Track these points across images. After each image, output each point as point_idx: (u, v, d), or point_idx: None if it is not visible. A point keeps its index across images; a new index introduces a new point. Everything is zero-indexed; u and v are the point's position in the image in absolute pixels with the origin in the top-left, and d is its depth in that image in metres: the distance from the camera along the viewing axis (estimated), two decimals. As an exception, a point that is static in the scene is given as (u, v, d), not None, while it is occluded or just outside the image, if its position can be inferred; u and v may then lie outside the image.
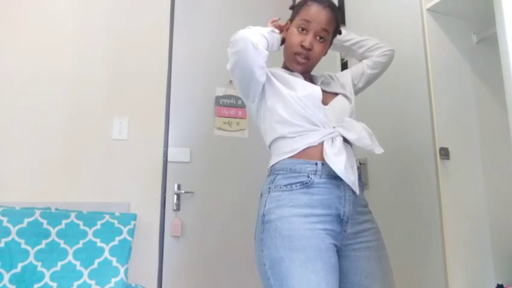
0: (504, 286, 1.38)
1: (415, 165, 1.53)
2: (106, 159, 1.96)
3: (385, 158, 1.39)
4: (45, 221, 1.64)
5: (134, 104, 2.07)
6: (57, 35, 1.98)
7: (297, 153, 1.08)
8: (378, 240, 1.12)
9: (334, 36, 1.25)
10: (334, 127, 1.10)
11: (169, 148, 2.10)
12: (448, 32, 1.57)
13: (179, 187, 2.07)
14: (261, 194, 1.12)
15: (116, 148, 1.99)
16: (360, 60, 1.36)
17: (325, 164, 1.05)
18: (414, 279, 1.49)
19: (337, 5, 1.24)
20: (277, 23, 1.26)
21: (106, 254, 1.66)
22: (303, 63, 1.18)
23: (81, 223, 1.69)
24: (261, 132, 1.22)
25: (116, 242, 1.69)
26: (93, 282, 1.59)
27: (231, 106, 2.28)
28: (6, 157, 1.80)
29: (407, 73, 1.58)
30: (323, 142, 1.07)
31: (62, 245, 1.63)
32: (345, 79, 1.30)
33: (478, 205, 1.49)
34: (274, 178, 1.09)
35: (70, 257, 1.62)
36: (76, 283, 1.57)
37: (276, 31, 1.20)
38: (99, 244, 1.67)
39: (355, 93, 1.29)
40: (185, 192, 2.07)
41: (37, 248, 1.58)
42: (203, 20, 2.32)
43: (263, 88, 1.16)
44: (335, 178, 1.05)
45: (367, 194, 1.28)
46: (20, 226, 1.60)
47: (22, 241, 1.57)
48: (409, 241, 1.53)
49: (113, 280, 1.61)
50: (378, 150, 1.10)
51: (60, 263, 1.59)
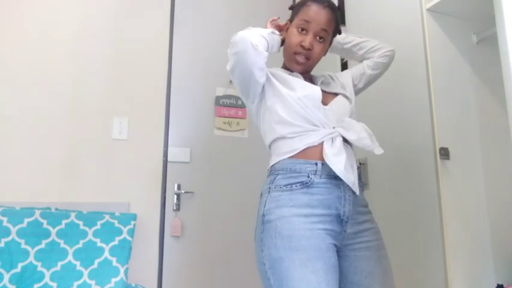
0: (504, 286, 1.38)
1: (415, 165, 1.53)
2: (106, 159, 1.97)
3: (385, 158, 1.38)
4: (45, 221, 1.64)
5: (134, 104, 2.07)
6: (57, 35, 1.99)
7: (297, 153, 1.08)
8: (378, 240, 1.12)
9: (334, 36, 1.25)
10: (334, 127, 1.10)
11: (169, 148, 2.10)
12: (448, 32, 1.56)
13: (179, 187, 2.07)
14: (261, 194, 1.12)
15: (116, 148, 2.00)
16: (360, 61, 1.36)
17: (325, 164, 1.04)
18: (414, 279, 1.49)
19: (337, 5, 1.24)
20: (276, 22, 1.26)
21: (106, 254, 1.66)
22: (303, 63, 1.18)
23: (81, 223, 1.69)
24: (261, 132, 1.22)
25: (116, 242, 1.70)
26: (93, 282, 1.59)
27: (231, 106, 2.28)
28: (6, 157, 1.80)
29: (407, 73, 1.58)
30: (323, 142, 1.07)
31: (62, 245, 1.63)
32: (345, 79, 1.30)
33: (478, 205, 1.49)
34: (274, 178, 1.09)
35: (70, 257, 1.62)
36: (76, 283, 1.57)
37: (277, 32, 1.20)
38: (99, 244, 1.67)
39: (355, 93, 1.29)
40: (185, 192, 2.07)
41: (37, 248, 1.58)
42: (203, 20, 2.32)
43: (263, 88, 1.16)
44: (335, 178, 1.05)
45: (367, 194, 1.28)
46: (20, 226, 1.60)
47: (22, 241, 1.57)
48: (409, 241, 1.53)
49: (113, 280, 1.61)
50: (378, 150, 1.10)
51: (60, 263, 1.59)
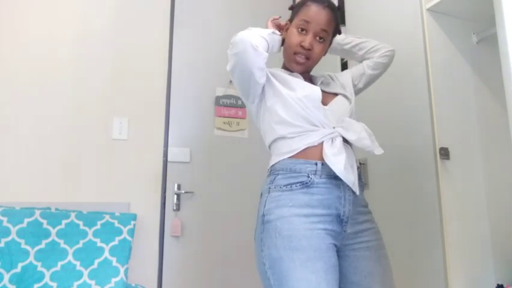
0: (504, 286, 1.38)
1: (415, 165, 1.53)
2: (106, 159, 1.97)
3: (385, 158, 1.38)
4: (45, 221, 1.64)
5: (134, 104, 2.07)
6: (57, 35, 1.99)
7: (297, 153, 1.08)
8: (378, 240, 1.12)
9: (334, 36, 1.25)
10: (334, 127, 1.10)
11: (169, 148, 2.10)
12: (448, 32, 1.56)
13: (179, 187, 2.07)
14: (261, 194, 1.12)
15: (116, 148, 2.00)
16: (360, 61, 1.36)
17: (325, 164, 1.05)
18: (414, 279, 1.49)
19: (337, 5, 1.24)
20: (277, 22, 1.26)
21: (106, 254, 1.66)
22: (303, 63, 1.18)
23: (81, 223, 1.69)
24: (261, 132, 1.22)
25: (116, 242, 1.70)
26: (93, 282, 1.59)
27: (231, 106, 2.28)
28: (6, 157, 1.80)
29: (407, 73, 1.57)
30: (323, 142, 1.07)
31: (62, 245, 1.63)
32: (345, 79, 1.30)
33: (478, 205, 1.48)
34: (274, 178, 1.09)
35: (70, 257, 1.62)
36: (76, 283, 1.57)
37: (277, 32, 1.20)
38: (99, 244, 1.67)
39: (355, 93, 1.29)
40: (185, 192, 2.07)
41: (37, 248, 1.58)
42: (203, 20, 2.32)
43: (263, 89, 1.15)
44: (335, 178, 1.05)
45: (367, 194, 1.28)
46: (20, 226, 1.60)
47: (22, 241, 1.57)
48: (409, 241, 1.53)
49: (113, 280, 1.61)
50: (378, 151, 1.10)
51: (60, 263, 1.59)
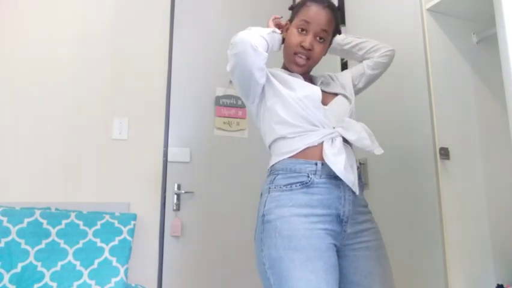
0: (504, 286, 1.38)
1: (415, 165, 1.53)
2: (106, 159, 1.97)
3: (385, 158, 1.38)
4: (45, 221, 1.64)
5: (134, 104, 2.07)
6: (57, 35, 1.99)
7: (297, 153, 1.08)
8: (377, 240, 1.12)
9: (334, 36, 1.25)
10: (334, 127, 1.10)
11: (169, 148, 2.10)
12: (448, 32, 1.56)
13: (179, 187, 2.07)
14: (261, 194, 1.12)
15: (116, 148, 2.00)
16: (360, 61, 1.36)
17: (325, 164, 1.05)
18: (414, 279, 1.49)
19: (337, 5, 1.24)
20: (278, 21, 1.25)
21: (106, 254, 1.66)
22: (303, 64, 1.17)
23: (81, 223, 1.69)
24: (261, 132, 1.22)
25: (116, 242, 1.70)
26: (93, 282, 1.59)
27: (231, 106, 2.28)
28: (6, 157, 1.80)
29: (407, 73, 1.57)
30: (323, 142, 1.07)
31: (62, 245, 1.63)
32: (345, 79, 1.30)
33: (478, 205, 1.48)
34: (274, 178, 1.09)
35: (70, 257, 1.62)
36: (76, 283, 1.57)
37: (278, 31, 1.19)
38: (99, 244, 1.67)
39: (355, 93, 1.29)
40: (185, 192, 2.07)
41: (37, 248, 1.58)
42: (203, 20, 2.32)
43: (263, 89, 1.15)
44: (335, 178, 1.05)
45: (367, 194, 1.28)
46: (20, 226, 1.60)
47: (22, 241, 1.57)
48: (409, 241, 1.53)
49: (113, 280, 1.61)
50: (377, 151, 1.10)
51: (60, 263, 1.59)
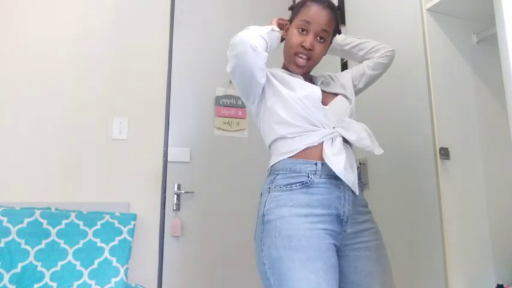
0: (504, 286, 1.38)
1: (415, 165, 1.53)
2: (106, 159, 1.97)
3: (385, 158, 1.38)
4: (45, 221, 1.64)
5: (134, 104, 2.07)
6: (57, 35, 1.99)
7: (297, 153, 1.08)
8: (377, 240, 1.12)
9: (334, 36, 1.25)
10: (334, 127, 1.10)
11: (169, 148, 2.10)
12: (448, 32, 1.56)
13: (179, 187, 2.07)
14: (261, 194, 1.12)
15: (116, 148, 2.00)
16: (360, 62, 1.36)
17: (325, 164, 1.05)
18: (414, 279, 1.49)
19: (337, 5, 1.24)
20: (281, 21, 1.25)
21: (106, 254, 1.66)
22: (304, 65, 1.17)
23: (81, 223, 1.69)
24: (261, 132, 1.22)
25: (116, 242, 1.70)
26: (93, 282, 1.59)
27: (231, 106, 2.28)
28: (6, 157, 1.80)
29: (407, 73, 1.57)
30: (323, 142, 1.07)
31: (62, 245, 1.63)
32: (345, 79, 1.30)
33: (478, 205, 1.48)
34: (274, 178, 1.09)
35: (70, 257, 1.62)
36: (76, 283, 1.57)
37: (276, 29, 1.19)
38: (99, 244, 1.67)
39: (355, 93, 1.29)
40: (185, 192, 2.07)
41: (37, 248, 1.58)
42: (203, 20, 2.32)
43: (263, 89, 1.15)
44: (335, 178, 1.05)
45: (367, 194, 1.28)
46: (20, 226, 1.60)
47: (22, 241, 1.57)
48: (409, 241, 1.53)
49: (113, 280, 1.61)
50: (377, 151, 1.10)
51: (60, 263, 1.59)
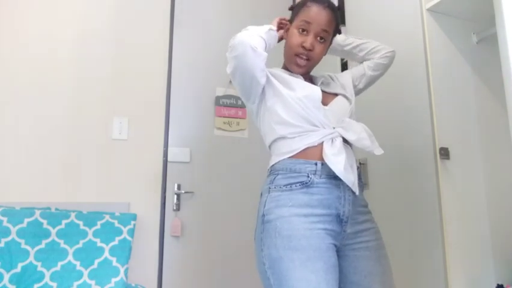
0: (504, 286, 1.38)
1: (415, 165, 1.53)
2: (106, 159, 1.97)
3: (385, 158, 1.38)
4: (45, 221, 1.64)
5: (134, 104, 2.07)
6: (57, 35, 1.98)
7: (297, 153, 1.08)
8: (377, 240, 1.12)
9: (334, 36, 1.25)
10: (334, 128, 1.10)
11: (169, 148, 2.10)
12: (448, 32, 1.56)
13: (179, 187, 2.07)
14: (261, 194, 1.12)
15: (116, 148, 1.99)
16: (361, 62, 1.36)
17: (325, 164, 1.05)
18: (414, 279, 1.49)
19: (337, 5, 1.24)
20: (282, 21, 1.24)
21: (106, 254, 1.66)
22: (304, 65, 1.18)
23: (81, 223, 1.69)
24: (261, 132, 1.22)
25: (116, 242, 1.70)
26: (93, 282, 1.59)
27: (231, 106, 2.28)
28: (6, 157, 1.80)
29: (407, 73, 1.57)
30: (323, 142, 1.07)
31: (62, 245, 1.63)
32: (345, 80, 1.30)
33: (478, 205, 1.48)
34: (274, 178, 1.09)
35: (70, 257, 1.62)
36: (76, 283, 1.57)
37: (274, 28, 1.19)
38: (99, 244, 1.67)
39: (356, 94, 1.29)
40: (185, 192, 2.07)
41: (37, 248, 1.58)
42: (203, 20, 2.32)
43: (263, 89, 1.15)
44: (335, 178, 1.05)
45: (367, 194, 1.28)
46: (20, 226, 1.60)
47: (22, 241, 1.57)
48: (409, 241, 1.53)
49: (113, 280, 1.61)
50: (377, 151, 1.10)
51: (60, 263, 1.59)
